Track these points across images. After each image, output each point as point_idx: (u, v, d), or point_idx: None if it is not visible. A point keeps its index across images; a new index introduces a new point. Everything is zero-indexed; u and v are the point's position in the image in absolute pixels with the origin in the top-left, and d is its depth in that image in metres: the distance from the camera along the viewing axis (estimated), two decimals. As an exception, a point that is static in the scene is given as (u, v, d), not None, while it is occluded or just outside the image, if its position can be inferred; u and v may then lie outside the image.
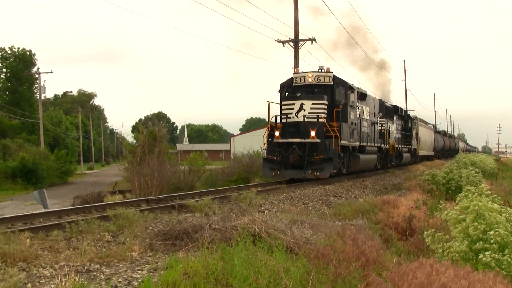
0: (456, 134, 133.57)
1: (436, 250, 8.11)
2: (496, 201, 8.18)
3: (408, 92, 75.57)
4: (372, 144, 28.69)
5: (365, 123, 27.21)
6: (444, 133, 79.81)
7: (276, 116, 23.41)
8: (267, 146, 23.14)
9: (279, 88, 24.34)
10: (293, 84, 23.91)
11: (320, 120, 21.81)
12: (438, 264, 6.33)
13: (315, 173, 21.34)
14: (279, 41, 30.93)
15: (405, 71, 70.21)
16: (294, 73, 24.48)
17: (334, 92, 23.17)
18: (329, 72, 24.04)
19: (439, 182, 21.60)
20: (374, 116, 30.03)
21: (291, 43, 30.52)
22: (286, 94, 23.65)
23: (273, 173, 22.18)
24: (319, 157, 21.40)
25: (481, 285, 5.18)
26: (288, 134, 22.09)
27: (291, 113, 22.27)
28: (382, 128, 31.90)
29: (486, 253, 6.79)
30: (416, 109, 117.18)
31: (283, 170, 21.95)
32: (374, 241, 9.68)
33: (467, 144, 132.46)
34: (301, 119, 21.86)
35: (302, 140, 21.63)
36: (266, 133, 23.28)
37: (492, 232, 7.06)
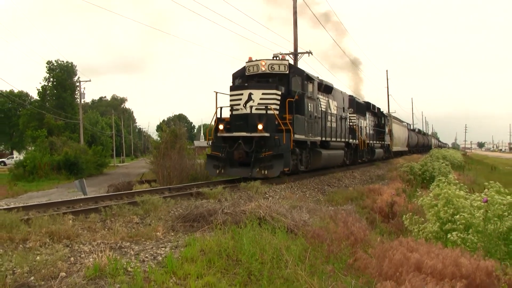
0: (430, 132, 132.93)
1: (413, 230, 8.13)
2: (462, 189, 8.19)
3: (390, 97, 75.30)
4: (339, 140, 23.77)
5: (330, 117, 22.38)
6: (418, 131, 79.13)
7: (221, 108, 18.36)
8: (212, 141, 18.11)
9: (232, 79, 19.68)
10: (246, 74, 18.97)
11: (269, 111, 16.87)
12: (414, 242, 6.35)
13: (262, 171, 16.40)
14: (281, 54, 30.65)
15: (387, 79, 69.89)
16: (247, 62, 19.17)
17: (290, 81, 18.65)
18: (284, 60, 19.21)
19: (416, 173, 21.63)
20: (343, 111, 25.34)
21: (291, 56, 30.36)
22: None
23: (217, 171, 17.30)
24: (268, 153, 16.48)
25: (448, 258, 5.19)
26: (236, 127, 17.29)
27: (239, 104, 17.40)
28: (353, 123, 27.43)
29: (454, 232, 6.82)
30: (397, 111, 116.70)
31: (228, 167, 17.19)
32: (362, 223, 9.68)
33: (439, 141, 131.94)
34: (249, 110, 17.09)
35: (248, 134, 16.77)
36: (213, 126, 18.33)
37: (458, 216, 7.09)
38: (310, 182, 19.31)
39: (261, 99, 17.16)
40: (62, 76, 64.34)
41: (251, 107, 17.02)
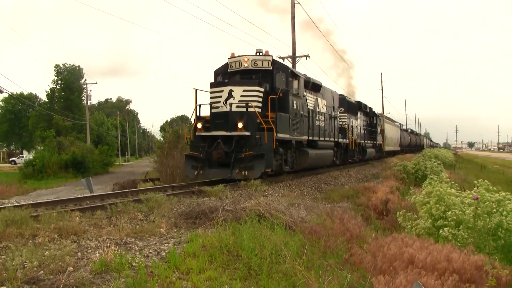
0: (422, 132, 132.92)
1: (406, 226, 8.15)
2: (453, 187, 8.22)
3: (385, 98, 75.38)
4: (328, 139, 22.19)
5: (318, 116, 20.86)
6: (411, 131, 78.94)
7: (200, 105, 16.70)
8: (191, 140, 16.62)
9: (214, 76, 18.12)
10: (228, 70, 17.48)
11: (250, 109, 15.38)
12: (407, 238, 6.36)
13: (243, 172, 15.05)
14: (280, 57, 30.35)
15: (382, 82, 69.88)
16: (229, 58, 17.64)
17: (273, 78, 17.04)
18: (268, 55, 17.45)
19: (409, 172, 21.67)
20: (333, 110, 23.89)
21: (289, 59, 30.34)
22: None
23: (195, 172, 15.86)
24: (248, 153, 15.10)
25: (440, 253, 5.21)
26: (215, 126, 15.78)
27: (219, 102, 15.93)
28: (343, 123, 26.06)
29: (445, 228, 6.84)
30: (391, 112, 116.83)
31: (207, 168, 15.77)
32: (357, 220, 9.71)
33: (431, 141, 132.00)
34: (228, 108, 15.61)
35: (228, 133, 15.34)
36: (193, 125, 16.76)
37: (449, 212, 7.11)
38: (308, 181, 19.30)
39: (242, 96, 15.79)
40: (70, 79, 64.53)
41: (231, 104, 15.57)
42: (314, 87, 20.94)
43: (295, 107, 17.59)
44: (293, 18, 29.54)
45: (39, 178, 36.43)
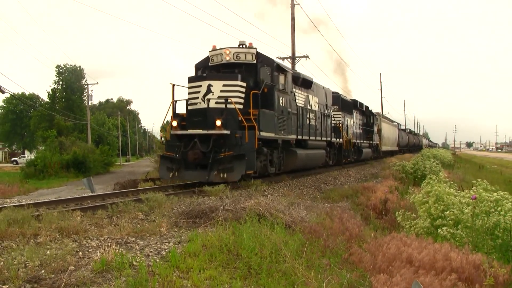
0: (421, 132, 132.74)
1: (405, 226, 8.15)
2: (452, 186, 8.24)
3: (384, 99, 75.36)
4: (319, 138, 20.92)
5: (309, 114, 19.58)
6: (409, 131, 78.65)
7: (176, 101, 15.37)
8: (166, 139, 15.17)
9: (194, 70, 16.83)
10: (210, 64, 16.09)
11: (229, 105, 14.05)
12: (406, 237, 6.36)
13: (221, 174, 13.64)
14: (280, 58, 30.32)
15: (381, 82, 70.00)
16: (210, 51, 16.23)
17: (258, 72, 15.71)
18: (252, 47, 15.91)
19: (408, 171, 21.67)
20: (326, 108, 22.60)
21: (289, 59, 30.34)
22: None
23: (171, 174, 14.48)
24: (228, 153, 13.75)
25: (439, 253, 5.21)
26: (192, 124, 14.51)
27: (197, 98, 14.59)
28: (337, 121, 25.00)
29: (444, 228, 6.84)
30: (390, 112, 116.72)
31: (183, 170, 14.35)
32: (356, 219, 9.71)
33: (430, 141, 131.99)
34: (206, 104, 14.30)
35: (205, 132, 14.02)
36: (169, 123, 15.38)
37: (448, 212, 7.11)
38: (307, 180, 19.28)
39: (221, 91, 14.38)
40: (71, 79, 64.57)
41: (209, 100, 14.26)
42: (305, 83, 19.60)
43: (281, 104, 16.35)
44: (292, 19, 29.55)
45: (41, 178, 36.44)
